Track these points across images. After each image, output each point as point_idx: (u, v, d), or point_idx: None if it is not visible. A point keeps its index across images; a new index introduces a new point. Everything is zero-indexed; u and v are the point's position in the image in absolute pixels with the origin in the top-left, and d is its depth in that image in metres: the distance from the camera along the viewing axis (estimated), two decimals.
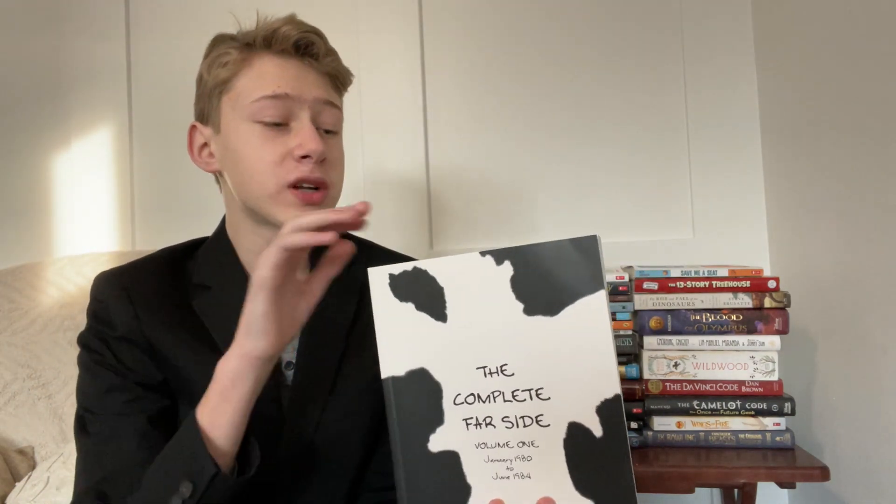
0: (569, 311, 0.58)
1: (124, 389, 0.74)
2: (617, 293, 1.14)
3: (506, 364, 0.59)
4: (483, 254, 0.60)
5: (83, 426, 0.75)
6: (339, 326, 0.82)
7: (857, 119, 1.05)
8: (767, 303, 1.10)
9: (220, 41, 0.80)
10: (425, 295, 0.61)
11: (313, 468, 0.78)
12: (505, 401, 0.59)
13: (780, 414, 1.08)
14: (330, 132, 0.79)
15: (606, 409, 0.57)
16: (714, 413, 1.10)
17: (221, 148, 0.79)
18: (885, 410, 1.01)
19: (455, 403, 0.60)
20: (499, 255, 0.60)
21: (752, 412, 1.09)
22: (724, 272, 1.12)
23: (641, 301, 1.13)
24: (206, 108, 0.81)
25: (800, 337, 1.24)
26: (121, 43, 1.59)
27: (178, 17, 1.60)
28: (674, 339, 1.11)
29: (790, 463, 1.02)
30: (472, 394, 0.60)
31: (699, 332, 1.11)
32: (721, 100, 1.41)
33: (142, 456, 0.70)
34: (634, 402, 1.10)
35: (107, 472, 0.70)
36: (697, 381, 1.11)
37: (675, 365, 1.12)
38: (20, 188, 1.62)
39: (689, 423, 1.11)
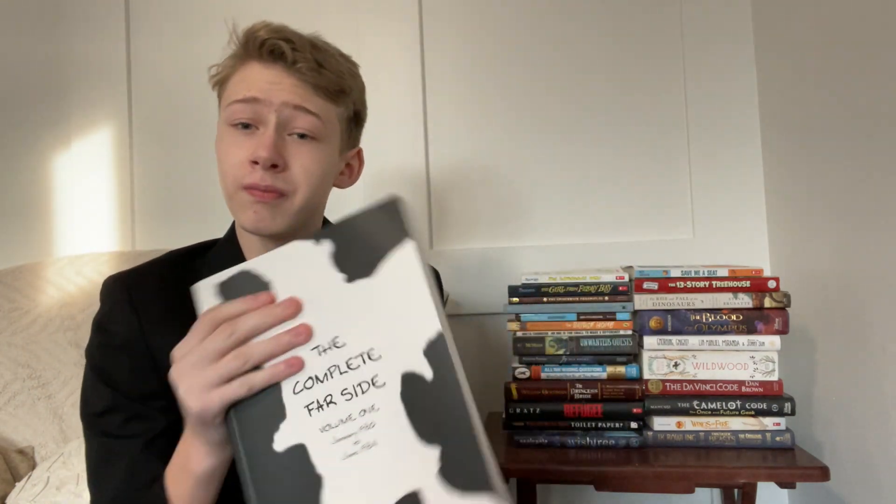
0: (384, 268, 0.59)
1: (122, 409, 0.75)
2: (617, 293, 1.14)
3: (337, 336, 0.59)
4: (302, 240, 0.61)
5: (88, 439, 0.77)
6: None
7: (857, 119, 1.05)
8: (767, 303, 1.10)
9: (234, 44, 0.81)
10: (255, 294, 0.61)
11: None
12: (341, 373, 0.58)
13: (780, 414, 1.08)
14: (305, 137, 0.77)
15: (432, 350, 0.57)
16: (714, 413, 1.10)
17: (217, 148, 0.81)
18: (885, 410, 1.01)
19: (295, 392, 0.58)
20: (318, 236, 0.61)
21: (752, 412, 1.09)
22: (724, 272, 1.12)
23: (641, 301, 1.13)
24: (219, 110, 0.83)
25: (800, 337, 1.24)
26: (121, 43, 1.59)
27: (178, 17, 1.60)
28: (674, 339, 1.11)
29: (790, 463, 1.02)
30: (311, 377, 0.58)
31: (699, 332, 1.11)
32: (721, 100, 1.41)
33: (133, 485, 0.72)
34: (634, 402, 1.10)
35: (104, 499, 0.73)
36: (697, 381, 1.11)
37: (675, 365, 1.12)
38: (20, 188, 1.62)
39: (689, 423, 1.11)
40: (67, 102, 1.61)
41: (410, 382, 0.57)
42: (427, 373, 0.57)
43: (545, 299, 1.16)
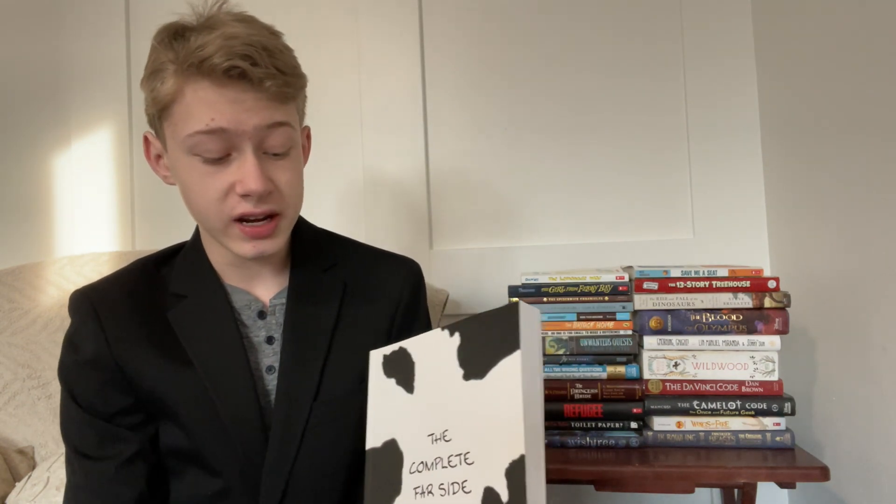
0: (493, 373, 0.60)
1: (95, 429, 0.76)
2: (617, 293, 1.14)
3: (447, 430, 0.61)
4: (443, 328, 0.64)
5: (69, 459, 0.77)
6: (322, 329, 0.81)
7: (857, 119, 1.05)
8: (767, 303, 1.10)
9: (159, 48, 0.72)
10: (403, 370, 0.66)
11: (302, 475, 0.78)
12: (442, 467, 0.60)
13: (780, 414, 1.08)
14: (280, 154, 0.73)
15: (512, 471, 0.56)
16: (714, 413, 1.10)
17: (172, 168, 0.76)
18: (885, 410, 1.01)
19: (410, 472, 0.61)
20: (452, 328, 0.63)
21: (752, 412, 1.09)
22: (724, 272, 1.12)
23: (641, 301, 1.12)
24: (153, 123, 0.76)
25: (800, 337, 1.24)
26: (121, 43, 1.59)
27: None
28: (674, 339, 1.11)
29: (790, 463, 1.02)
30: (423, 461, 0.61)
31: (699, 332, 1.11)
32: (721, 100, 1.41)
33: None
34: (634, 402, 1.10)
35: None
36: (697, 381, 1.11)
37: (675, 365, 1.12)
38: (20, 188, 1.62)
39: (689, 423, 1.11)
40: (67, 102, 1.61)
41: (489, 498, 0.56)
42: (504, 494, 0.56)
43: (545, 299, 1.15)
